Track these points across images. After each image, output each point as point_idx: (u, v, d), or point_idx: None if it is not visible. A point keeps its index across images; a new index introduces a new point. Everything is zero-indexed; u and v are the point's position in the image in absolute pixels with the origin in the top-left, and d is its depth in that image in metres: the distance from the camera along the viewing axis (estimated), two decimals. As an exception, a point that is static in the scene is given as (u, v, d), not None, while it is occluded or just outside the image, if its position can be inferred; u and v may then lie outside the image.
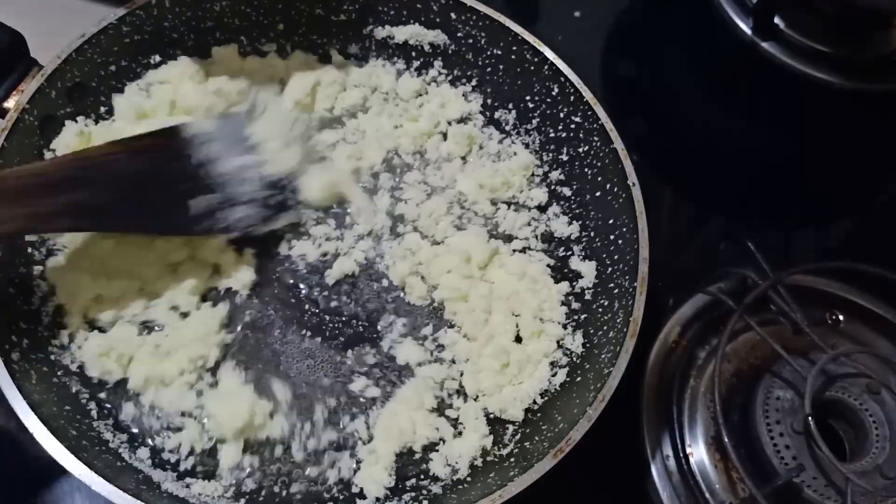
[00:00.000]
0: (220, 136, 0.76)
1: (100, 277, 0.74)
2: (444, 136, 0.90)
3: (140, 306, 0.75)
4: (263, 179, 0.79)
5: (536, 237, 0.85)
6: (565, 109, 0.83)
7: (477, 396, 0.75)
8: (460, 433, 0.73)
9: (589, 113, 0.81)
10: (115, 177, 0.70)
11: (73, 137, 0.76)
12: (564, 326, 0.79)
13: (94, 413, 0.69)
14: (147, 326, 0.75)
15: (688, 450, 0.75)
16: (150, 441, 0.70)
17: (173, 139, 0.74)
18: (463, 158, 0.89)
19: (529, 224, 0.85)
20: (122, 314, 0.74)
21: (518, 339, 0.78)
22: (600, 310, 0.76)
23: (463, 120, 0.90)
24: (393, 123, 0.90)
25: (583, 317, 0.79)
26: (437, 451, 0.72)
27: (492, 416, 0.74)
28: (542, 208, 0.87)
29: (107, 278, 0.74)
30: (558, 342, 0.78)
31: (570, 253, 0.84)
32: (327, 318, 0.78)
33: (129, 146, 0.72)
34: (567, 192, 0.86)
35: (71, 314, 0.73)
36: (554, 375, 0.76)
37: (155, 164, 0.73)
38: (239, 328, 0.76)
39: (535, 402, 0.74)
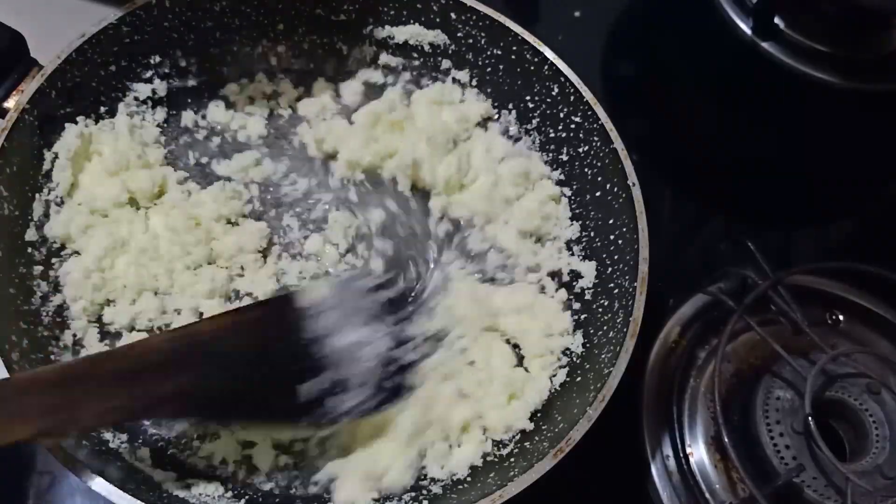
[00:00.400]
0: (337, 304, 0.68)
1: (112, 281, 0.74)
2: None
3: (155, 310, 0.74)
4: (380, 357, 0.69)
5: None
6: (565, 109, 0.83)
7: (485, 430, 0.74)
8: (459, 445, 0.73)
9: (589, 113, 0.81)
10: (222, 357, 0.62)
11: (74, 139, 0.76)
12: (570, 333, 0.79)
13: (94, 413, 0.69)
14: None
15: (688, 450, 0.75)
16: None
17: (286, 311, 0.67)
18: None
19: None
20: (137, 320, 0.74)
21: (520, 362, 0.78)
22: (600, 310, 0.76)
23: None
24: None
25: (583, 317, 0.79)
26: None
27: (493, 438, 0.74)
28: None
29: (120, 282, 0.75)
30: (563, 351, 0.78)
31: (570, 253, 0.84)
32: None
33: (238, 320, 0.65)
34: (567, 192, 0.86)
35: (78, 317, 0.73)
36: (554, 375, 0.76)
37: (265, 342, 0.65)
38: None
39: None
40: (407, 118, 0.88)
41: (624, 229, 0.76)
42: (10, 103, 0.73)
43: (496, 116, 0.91)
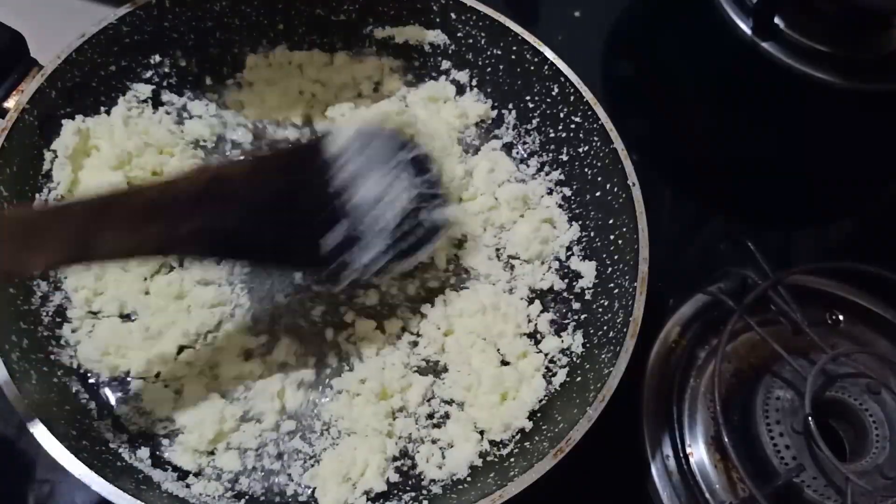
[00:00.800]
0: (363, 153, 0.67)
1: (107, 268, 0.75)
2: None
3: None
4: (400, 211, 0.68)
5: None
6: (565, 109, 0.83)
7: (482, 431, 0.74)
8: (451, 445, 0.73)
9: (589, 113, 0.81)
10: (251, 198, 0.62)
11: (72, 136, 0.76)
12: (557, 333, 0.79)
13: (94, 413, 0.69)
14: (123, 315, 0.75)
15: (688, 450, 0.75)
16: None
17: (314, 158, 0.65)
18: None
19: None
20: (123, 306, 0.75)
21: (505, 363, 0.78)
22: (600, 310, 0.76)
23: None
24: None
25: (583, 317, 0.79)
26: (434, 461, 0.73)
27: (491, 439, 0.74)
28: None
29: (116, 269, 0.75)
30: (547, 354, 0.78)
31: (570, 253, 0.84)
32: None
33: (266, 165, 0.65)
34: (567, 192, 0.86)
35: (76, 306, 0.73)
36: (554, 375, 0.76)
37: (291, 188, 0.64)
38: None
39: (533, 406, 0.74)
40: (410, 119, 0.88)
41: (624, 229, 0.76)
42: (10, 103, 0.73)
43: (499, 127, 0.91)
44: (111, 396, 0.72)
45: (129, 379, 0.72)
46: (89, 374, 0.72)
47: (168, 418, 0.71)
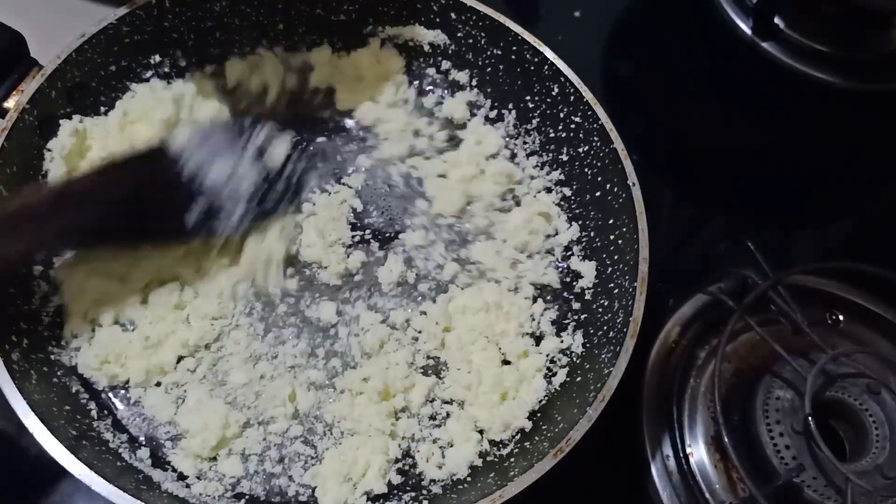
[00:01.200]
0: (209, 143, 0.76)
1: (106, 279, 0.75)
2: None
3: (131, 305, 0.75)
4: (259, 175, 0.78)
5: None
6: (565, 109, 0.83)
7: (482, 431, 0.74)
8: (451, 445, 0.73)
9: (589, 113, 0.81)
10: (104, 199, 0.71)
11: (68, 137, 0.76)
12: (557, 334, 0.79)
13: (94, 413, 0.69)
14: (120, 323, 0.75)
15: (688, 450, 0.75)
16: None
17: (159, 158, 0.74)
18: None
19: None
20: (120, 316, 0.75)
21: (506, 362, 0.78)
22: (600, 310, 0.76)
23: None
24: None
25: (583, 317, 0.79)
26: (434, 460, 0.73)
27: (491, 438, 0.74)
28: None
29: (115, 280, 0.75)
30: (548, 354, 0.78)
31: (570, 253, 0.84)
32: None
33: (115, 172, 0.72)
34: (567, 192, 0.86)
35: (74, 315, 0.73)
36: (554, 375, 0.76)
37: (144, 185, 0.73)
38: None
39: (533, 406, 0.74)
40: None
41: (624, 229, 0.76)
42: (10, 103, 0.73)
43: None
44: (112, 401, 0.72)
45: (128, 387, 0.72)
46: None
47: (170, 422, 0.71)
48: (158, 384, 0.73)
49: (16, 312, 0.69)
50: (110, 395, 0.72)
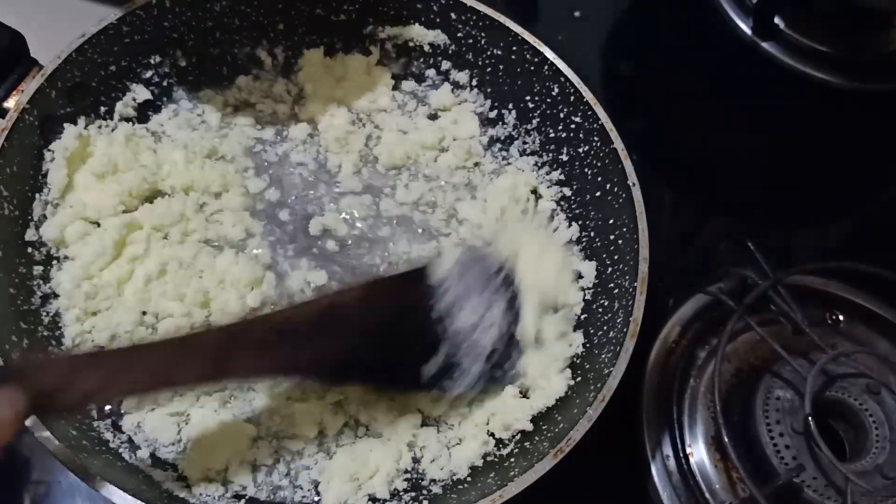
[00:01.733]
0: (466, 276, 0.69)
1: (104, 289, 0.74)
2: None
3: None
4: (494, 339, 0.70)
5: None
6: (565, 109, 0.83)
7: (487, 420, 0.74)
8: (460, 442, 0.73)
9: (589, 113, 0.81)
10: (363, 325, 0.66)
11: (72, 140, 0.76)
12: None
13: (94, 413, 0.69)
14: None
15: (688, 450, 0.75)
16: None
17: (419, 285, 0.68)
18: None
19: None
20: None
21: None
22: (600, 310, 0.76)
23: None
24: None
25: (583, 317, 0.79)
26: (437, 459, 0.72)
27: (496, 435, 0.73)
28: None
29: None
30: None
31: (569, 253, 0.84)
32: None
33: (378, 291, 0.68)
34: (567, 192, 0.86)
35: (73, 326, 0.72)
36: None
37: (399, 314, 0.68)
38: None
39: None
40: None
41: (624, 229, 0.76)
42: (10, 103, 0.73)
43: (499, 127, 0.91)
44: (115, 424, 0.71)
45: (122, 412, 0.71)
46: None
47: (175, 442, 0.70)
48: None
49: (16, 312, 0.69)
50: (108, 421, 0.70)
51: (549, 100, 0.85)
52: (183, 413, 0.70)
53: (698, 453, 0.75)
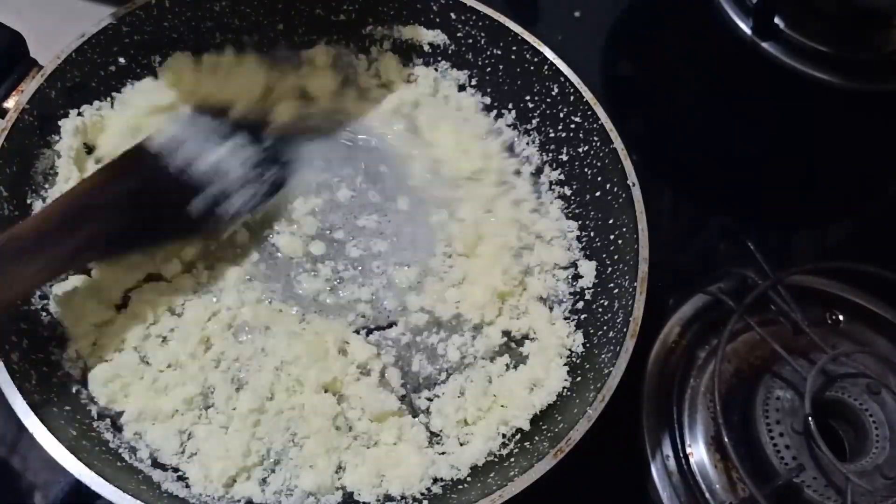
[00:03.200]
0: (190, 135, 0.76)
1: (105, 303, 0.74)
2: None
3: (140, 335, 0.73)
4: (249, 160, 0.78)
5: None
6: (565, 109, 0.83)
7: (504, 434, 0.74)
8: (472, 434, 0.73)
9: (589, 113, 0.81)
10: (106, 206, 0.71)
11: (71, 137, 0.76)
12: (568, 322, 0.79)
13: (94, 413, 0.69)
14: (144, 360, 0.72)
15: (688, 450, 0.75)
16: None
17: (143, 156, 0.74)
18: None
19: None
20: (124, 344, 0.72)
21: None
22: (600, 310, 0.76)
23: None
24: None
25: (583, 317, 0.79)
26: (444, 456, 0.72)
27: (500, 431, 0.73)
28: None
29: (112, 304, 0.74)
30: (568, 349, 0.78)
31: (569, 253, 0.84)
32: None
33: (107, 175, 0.73)
34: (567, 192, 0.86)
35: (76, 339, 0.71)
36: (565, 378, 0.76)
37: (137, 183, 0.73)
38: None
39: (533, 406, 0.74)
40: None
41: (624, 229, 0.76)
42: (10, 103, 0.73)
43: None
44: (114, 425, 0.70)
45: (121, 422, 0.70)
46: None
47: (178, 453, 0.69)
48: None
49: (16, 312, 0.69)
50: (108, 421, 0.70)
51: (548, 100, 0.85)
52: (185, 430, 0.70)
53: (698, 453, 0.75)
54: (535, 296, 0.81)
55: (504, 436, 0.72)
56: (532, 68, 0.85)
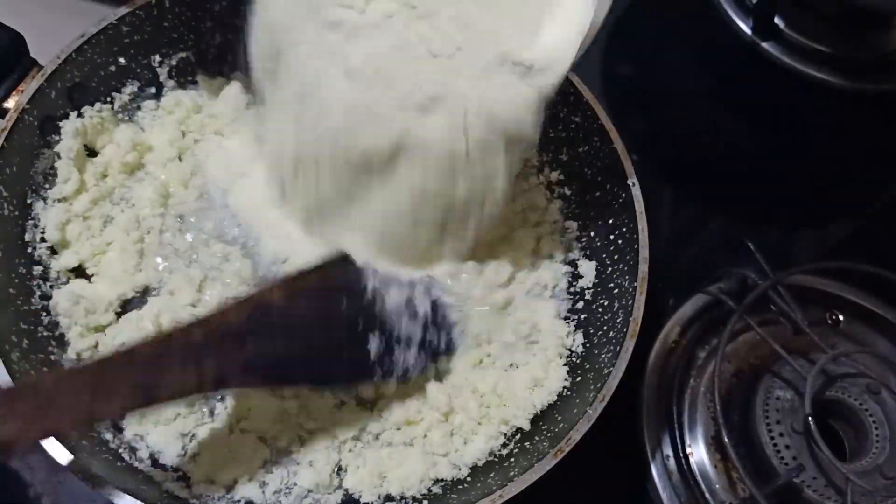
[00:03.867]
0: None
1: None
2: None
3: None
4: (425, 315, 0.70)
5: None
6: (565, 109, 0.83)
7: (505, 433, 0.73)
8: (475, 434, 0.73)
9: (589, 113, 0.81)
10: (294, 321, 0.63)
11: (71, 139, 0.76)
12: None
13: (93, 413, 0.69)
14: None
15: (688, 450, 0.75)
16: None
17: (347, 269, 0.67)
18: None
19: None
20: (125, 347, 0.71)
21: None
22: (600, 310, 0.76)
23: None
24: None
25: (583, 317, 0.79)
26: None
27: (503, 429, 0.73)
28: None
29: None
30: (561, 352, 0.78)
31: (570, 253, 0.84)
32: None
33: (303, 282, 0.65)
34: (567, 192, 0.86)
35: (76, 341, 0.72)
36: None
37: (332, 302, 0.65)
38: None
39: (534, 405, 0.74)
40: None
41: (624, 229, 0.76)
42: (10, 103, 0.73)
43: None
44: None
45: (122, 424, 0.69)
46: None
47: (179, 455, 0.69)
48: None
49: (16, 312, 0.69)
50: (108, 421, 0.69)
51: (548, 100, 0.85)
52: (188, 434, 0.69)
53: (698, 453, 0.75)
54: (535, 296, 0.80)
55: (504, 435, 0.72)
56: (532, 68, 0.85)
